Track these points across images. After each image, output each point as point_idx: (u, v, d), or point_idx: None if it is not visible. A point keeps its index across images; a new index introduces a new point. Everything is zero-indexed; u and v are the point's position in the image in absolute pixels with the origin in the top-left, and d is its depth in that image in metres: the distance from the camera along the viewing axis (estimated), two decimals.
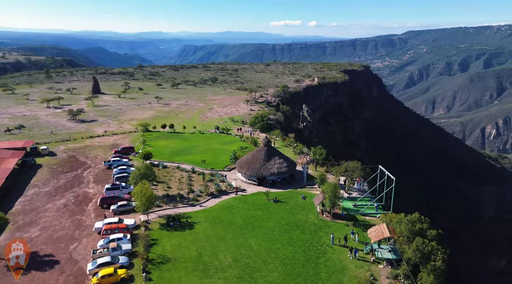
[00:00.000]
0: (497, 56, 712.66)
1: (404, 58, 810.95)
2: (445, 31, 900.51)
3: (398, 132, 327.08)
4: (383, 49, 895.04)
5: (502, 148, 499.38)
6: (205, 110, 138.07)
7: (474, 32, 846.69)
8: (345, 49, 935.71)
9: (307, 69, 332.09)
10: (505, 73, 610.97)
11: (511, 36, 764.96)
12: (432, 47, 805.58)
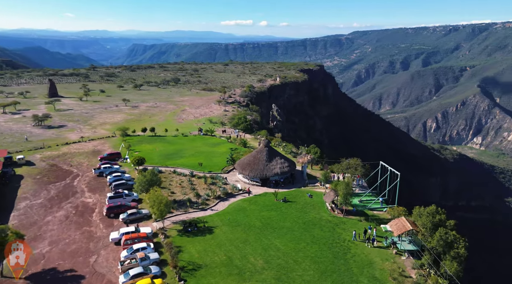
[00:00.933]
0: (434, 55, 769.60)
1: (351, 57, 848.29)
2: (387, 31, 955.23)
3: (352, 128, 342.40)
4: (331, 48, 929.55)
5: (442, 140, 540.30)
6: (178, 112, 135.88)
7: (413, 32, 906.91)
8: (296, 49, 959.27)
9: (266, 68, 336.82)
10: (441, 71, 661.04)
11: (445, 37, 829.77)
12: (376, 47, 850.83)
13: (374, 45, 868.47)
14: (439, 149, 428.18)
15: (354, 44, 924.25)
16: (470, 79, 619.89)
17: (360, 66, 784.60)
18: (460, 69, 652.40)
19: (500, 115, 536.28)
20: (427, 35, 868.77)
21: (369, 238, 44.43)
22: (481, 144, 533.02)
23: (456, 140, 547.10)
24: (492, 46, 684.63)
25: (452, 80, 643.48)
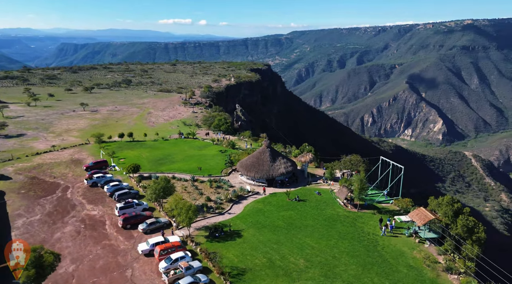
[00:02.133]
0: (367, 54, 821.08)
1: (292, 56, 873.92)
2: (323, 31, 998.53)
3: (302, 125, 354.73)
4: (272, 48, 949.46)
5: (378, 133, 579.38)
6: (144, 115, 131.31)
7: (347, 33, 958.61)
8: (238, 48, 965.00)
9: (216, 68, 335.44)
10: (374, 69, 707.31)
11: (375, 37, 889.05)
12: (314, 46, 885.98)
13: (312, 44, 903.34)
14: (378, 141, 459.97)
15: (293, 44, 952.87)
16: (399, 76, 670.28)
17: (300, 65, 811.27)
18: (390, 66, 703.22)
19: (426, 109, 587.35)
20: (360, 35, 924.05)
21: (387, 225, 48.27)
22: (412, 136, 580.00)
23: (390, 133, 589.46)
24: (416, 45, 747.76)
25: (384, 77, 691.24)
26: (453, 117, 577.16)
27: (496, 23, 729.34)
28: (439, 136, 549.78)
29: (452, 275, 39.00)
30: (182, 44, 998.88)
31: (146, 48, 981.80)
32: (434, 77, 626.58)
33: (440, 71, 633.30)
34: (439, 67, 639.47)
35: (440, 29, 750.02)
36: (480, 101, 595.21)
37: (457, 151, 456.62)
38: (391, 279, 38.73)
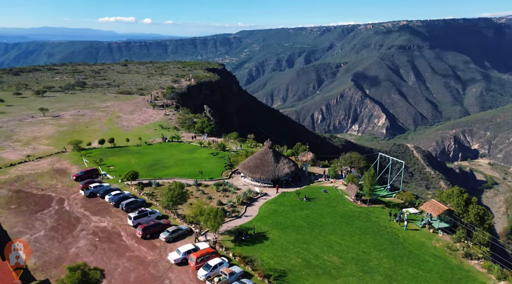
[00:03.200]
0: (313, 53, 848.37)
1: (241, 56, 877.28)
2: (271, 31, 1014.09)
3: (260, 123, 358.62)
4: (221, 47, 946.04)
5: (327, 129, 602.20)
6: (114, 119, 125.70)
7: (294, 32, 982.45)
8: (187, 48, 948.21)
9: (170, 68, 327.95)
10: (321, 67, 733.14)
11: (321, 36, 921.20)
12: (263, 46, 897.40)
13: (261, 44, 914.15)
14: (330, 137, 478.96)
15: (242, 43, 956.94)
16: (345, 74, 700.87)
17: (250, 64, 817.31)
18: (336, 65, 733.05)
19: (370, 105, 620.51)
20: (306, 35, 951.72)
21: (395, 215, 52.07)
22: (358, 131, 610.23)
23: (339, 129, 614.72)
24: (359, 45, 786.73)
25: (330, 75, 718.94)
26: (395, 112, 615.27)
27: (428, 24, 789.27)
28: (383, 130, 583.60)
29: (472, 260, 43.01)
30: (126, 44, 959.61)
31: (87, 48, 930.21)
32: (376, 75, 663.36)
33: (381, 69, 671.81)
34: (380, 66, 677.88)
35: (379, 30, 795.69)
36: (417, 97, 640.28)
37: (400, 144, 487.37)
38: (423, 269, 41.64)
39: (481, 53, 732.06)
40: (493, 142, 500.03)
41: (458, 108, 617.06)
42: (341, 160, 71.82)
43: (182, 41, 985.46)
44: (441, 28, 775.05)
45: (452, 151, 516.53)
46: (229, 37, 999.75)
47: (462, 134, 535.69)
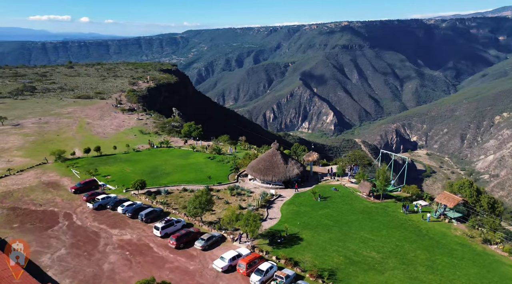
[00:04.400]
0: (262, 53, 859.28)
1: (189, 56, 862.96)
2: (219, 31, 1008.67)
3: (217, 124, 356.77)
4: (168, 47, 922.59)
5: (279, 128, 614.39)
6: (84, 126, 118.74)
7: (241, 32, 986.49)
8: (131, 48, 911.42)
9: (122, 70, 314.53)
10: (271, 67, 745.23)
11: (268, 36, 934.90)
12: (211, 46, 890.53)
13: (209, 44, 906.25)
14: (284, 135, 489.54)
15: (190, 43, 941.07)
16: (293, 73, 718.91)
17: (199, 64, 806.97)
18: (284, 65, 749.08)
19: (318, 103, 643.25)
20: (253, 35, 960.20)
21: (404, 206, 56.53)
22: (309, 128, 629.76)
23: (290, 127, 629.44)
24: (305, 44, 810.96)
25: (279, 74, 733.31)
26: (341, 109, 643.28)
27: (367, 25, 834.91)
28: (331, 126, 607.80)
29: (491, 245, 47.74)
30: (63, 44, 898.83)
31: (18, 48, 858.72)
32: (322, 73, 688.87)
33: (327, 68, 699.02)
34: (326, 65, 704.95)
35: (323, 30, 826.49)
36: (361, 94, 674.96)
37: (349, 139, 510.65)
38: (455, 257, 45.06)
39: (414, 52, 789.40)
40: (429, 134, 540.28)
41: (397, 103, 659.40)
42: (346, 158, 75.08)
43: (126, 41, 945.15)
44: (379, 28, 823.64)
45: (394, 143, 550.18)
46: (175, 36, 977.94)
47: (402, 127, 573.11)
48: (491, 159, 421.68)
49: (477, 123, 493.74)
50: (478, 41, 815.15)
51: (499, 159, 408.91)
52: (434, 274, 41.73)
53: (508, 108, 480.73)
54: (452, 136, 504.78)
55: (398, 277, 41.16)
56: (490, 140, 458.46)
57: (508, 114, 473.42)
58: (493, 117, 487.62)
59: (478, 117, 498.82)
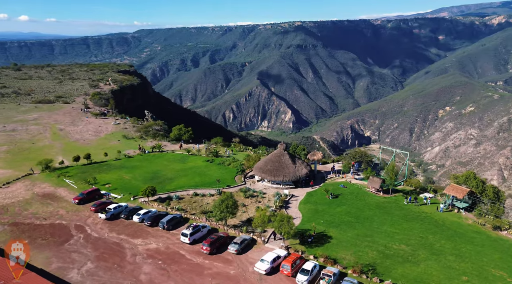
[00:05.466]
0: (218, 53, 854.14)
1: (142, 56, 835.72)
2: (172, 30, 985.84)
3: (188, 125, 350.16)
4: (119, 47, 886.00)
5: (240, 127, 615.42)
6: (58, 133, 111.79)
7: (196, 32, 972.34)
8: (77, 48, 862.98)
9: (76, 72, 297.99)
10: (228, 67, 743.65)
11: (223, 36, 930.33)
12: (165, 46, 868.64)
13: (163, 43, 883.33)
14: (246, 135, 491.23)
15: (142, 43, 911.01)
16: (250, 73, 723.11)
17: (153, 64, 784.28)
18: (241, 64, 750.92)
19: (277, 101, 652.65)
20: (208, 34, 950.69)
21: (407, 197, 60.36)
22: (268, 127, 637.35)
23: (250, 126, 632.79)
24: (260, 44, 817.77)
25: (237, 74, 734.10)
26: (298, 107, 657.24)
27: (319, 25, 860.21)
28: (290, 125, 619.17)
29: (501, 231, 52.12)
30: (1, 44, 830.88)
31: None
32: (279, 73, 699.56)
33: (283, 67, 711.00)
34: (282, 64, 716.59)
35: (278, 30, 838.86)
36: (316, 92, 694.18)
37: (308, 136, 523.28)
38: (477, 244, 48.29)
39: (364, 51, 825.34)
40: (381, 129, 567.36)
41: (350, 100, 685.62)
42: (348, 156, 77.61)
43: (72, 41, 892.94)
44: (330, 28, 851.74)
45: (350, 139, 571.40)
46: (126, 36, 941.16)
47: (356, 123, 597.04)
48: (437, 151, 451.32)
49: (423, 117, 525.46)
50: (420, 40, 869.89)
51: (444, 150, 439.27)
52: (464, 262, 44.62)
53: (449, 103, 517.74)
54: (402, 130, 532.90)
55: (434, 267, 43.61)
56: (435, 133, 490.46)
57: (450, 108, 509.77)
58: (437, 111, 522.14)
59: (424, 112, 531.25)
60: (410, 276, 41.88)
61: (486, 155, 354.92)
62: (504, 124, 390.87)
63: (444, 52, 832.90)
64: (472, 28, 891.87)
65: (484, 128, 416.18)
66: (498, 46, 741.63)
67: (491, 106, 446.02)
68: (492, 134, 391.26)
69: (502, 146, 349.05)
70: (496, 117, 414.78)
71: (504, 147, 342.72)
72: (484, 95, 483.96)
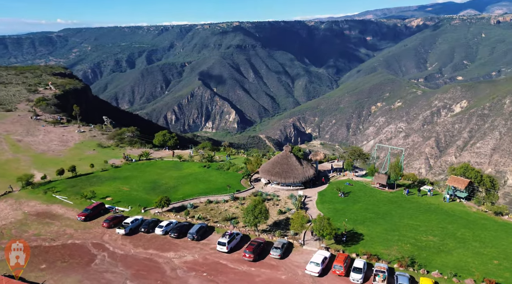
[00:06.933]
0: (155, 53, 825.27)
1: (70, 57, 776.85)
2: (103, 29, 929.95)
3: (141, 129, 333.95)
4: (42, 47, 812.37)
5: (183, 129, 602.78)
6: (17, 144, 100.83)
7: (130, 31, 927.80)
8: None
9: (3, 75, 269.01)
10: (166, 67, 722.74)
11: (159, 36, 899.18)
12: (96, 46, 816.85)
13: (93, 43, 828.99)
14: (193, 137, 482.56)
15: (69, 43, 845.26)
16: (191, 73, 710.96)
17: (84, 66, 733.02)
18: (181, 65, 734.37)
19: (220, 102, 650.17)
20: (143, 34, 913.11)
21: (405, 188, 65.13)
22: (213, 127, 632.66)
23: (193, 127, 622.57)
24: (199, 44, 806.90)
25: (177, 75, 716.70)
26: (242, 107, 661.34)
27: (257, 26, 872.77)
28: (234, 125, 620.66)
29: (503, 216, 58.16)
30: None
31: None
32: (220, 73, 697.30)
33: (224, 67, 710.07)
34: (223, 64, 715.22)
35: (216, 30, 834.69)
36: (258, 92, 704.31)
37: (254, 136, 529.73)
38: (490, 230, 52.85)
39: (300, 51, 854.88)
40: (321, 125, 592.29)
41: (291, 99, 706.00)
42: (346, 154, 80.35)
43: None
44: (268, 29, 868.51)
45: (293, 136, 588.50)
46: (50, 35, 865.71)
47: (298, 121, 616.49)
48: (372, 144, 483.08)
49: (358, 113, 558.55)
50: (351, 41, 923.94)
51: (378, 143, 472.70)
52: (488, 247, 48.64)
53: (380, 99, 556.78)
54: (340, 126, 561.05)
55: (466, 254, 46.95)
56: (369, 127, 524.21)
57: (381, 104, 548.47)
58: (370, 107, 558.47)
59: (359, 108, 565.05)
60: (449, 264, 44.97)
61: (414, 146, 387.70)
62: (428, 117, 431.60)
63: (372, 52, 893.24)
64: (395, 30, 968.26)
65: (411, 121, 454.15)
66: (417, 46, 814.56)
67: (415, 101, 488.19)
68: (418, 126, 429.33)
69: (427, 137, 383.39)
70: (421, 111, 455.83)
71: (429, 138, 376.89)
72: (410, 92, 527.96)
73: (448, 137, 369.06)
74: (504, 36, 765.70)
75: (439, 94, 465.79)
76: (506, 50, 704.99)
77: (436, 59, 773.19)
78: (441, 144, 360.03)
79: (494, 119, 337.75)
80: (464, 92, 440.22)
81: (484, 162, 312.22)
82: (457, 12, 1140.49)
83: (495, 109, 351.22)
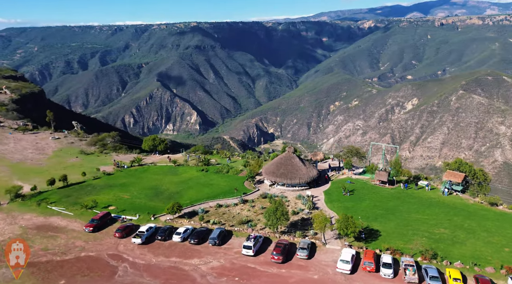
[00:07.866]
0: (109, 54, 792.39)
1: (15, 58, 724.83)
2: (51, 29, 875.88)
3: None
4: None
5: (142, 132, 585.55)
6: None
7: (80, 31, 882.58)
8: None
9: None
10: (122, 68, 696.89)
11: (113, 36, 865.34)
12: (44, 46, 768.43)
13: (40, 44, 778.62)
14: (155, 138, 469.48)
15: (13, 43, 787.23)
16: (149, 74, 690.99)
17: (30, 67, 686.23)
18: (138, 66, 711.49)
19: (180, 103, 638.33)
20: (96, 34, 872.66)
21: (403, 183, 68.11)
22: (173, 129, 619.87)
23: (153, 130, 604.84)
24: (156, 45, 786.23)
25: (134, 76, 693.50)
26: (203, 108, 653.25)
27: (215, 26, 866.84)
28: (196, 126, 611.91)
29: (498, 206, 62.27)
30: None
31: None
32: (180, 74, 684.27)
33: (183, 68, 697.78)
34: (182, 65, 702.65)
35: (173, 30, 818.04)
36: (219, 93, 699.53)
37: (218, 137, 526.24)
38: (492, 220, 56.14)
39: (259, 52, 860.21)
40: (282, 125, 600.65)
41: (252, 100, 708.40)
42: (343, 153, 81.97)
43: None
44: (227, 30, 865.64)
45: (256, 137, 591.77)
46: None
47: (260, 121, 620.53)
48: (332, 142, 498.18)
49: (318, 112, 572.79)
50: (308, 42, 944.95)
51: (337, 141, 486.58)
52: (495, 236, 51.79)
53: (338, 98, 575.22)
54: (301, 125, 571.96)
55: (478, 244, 49.73)
56: (329, 126, 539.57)
57: (339, 102, 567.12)
58: (329, 106, 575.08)
59: (318, 107, 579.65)
60: (466, 255, 47.42)
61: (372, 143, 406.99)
62: (383, 115, 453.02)
63: (329, 53, 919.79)
64: (349, 31, 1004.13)
65: (368, 119, 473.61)
66: (370, 47, 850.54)
67: (371, 99, 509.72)
68: (374, 124, 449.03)
69: (383, 134, 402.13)
70: (376, 109, 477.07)
71: (385, 135, 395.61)
72: (365, 90, 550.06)
73: (402, 133, 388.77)
74: (447, 37, 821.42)
75: (392, 92, 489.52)
76: (450, 51, 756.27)
77: (387, 59, 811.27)
78: (396, 140, 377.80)
79: (442, 115, 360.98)
80: (414, 90, 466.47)
81: (435, 156, 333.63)
82: (404, 14, 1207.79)
83: (442, 105, 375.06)
